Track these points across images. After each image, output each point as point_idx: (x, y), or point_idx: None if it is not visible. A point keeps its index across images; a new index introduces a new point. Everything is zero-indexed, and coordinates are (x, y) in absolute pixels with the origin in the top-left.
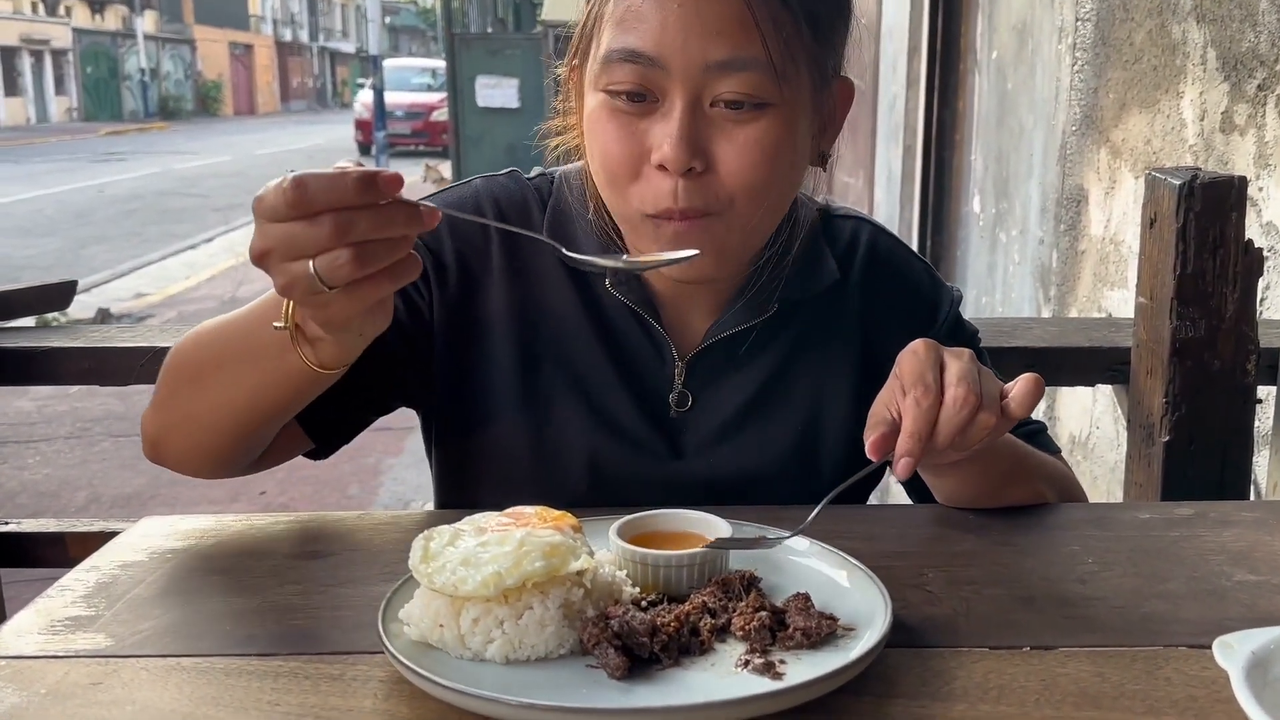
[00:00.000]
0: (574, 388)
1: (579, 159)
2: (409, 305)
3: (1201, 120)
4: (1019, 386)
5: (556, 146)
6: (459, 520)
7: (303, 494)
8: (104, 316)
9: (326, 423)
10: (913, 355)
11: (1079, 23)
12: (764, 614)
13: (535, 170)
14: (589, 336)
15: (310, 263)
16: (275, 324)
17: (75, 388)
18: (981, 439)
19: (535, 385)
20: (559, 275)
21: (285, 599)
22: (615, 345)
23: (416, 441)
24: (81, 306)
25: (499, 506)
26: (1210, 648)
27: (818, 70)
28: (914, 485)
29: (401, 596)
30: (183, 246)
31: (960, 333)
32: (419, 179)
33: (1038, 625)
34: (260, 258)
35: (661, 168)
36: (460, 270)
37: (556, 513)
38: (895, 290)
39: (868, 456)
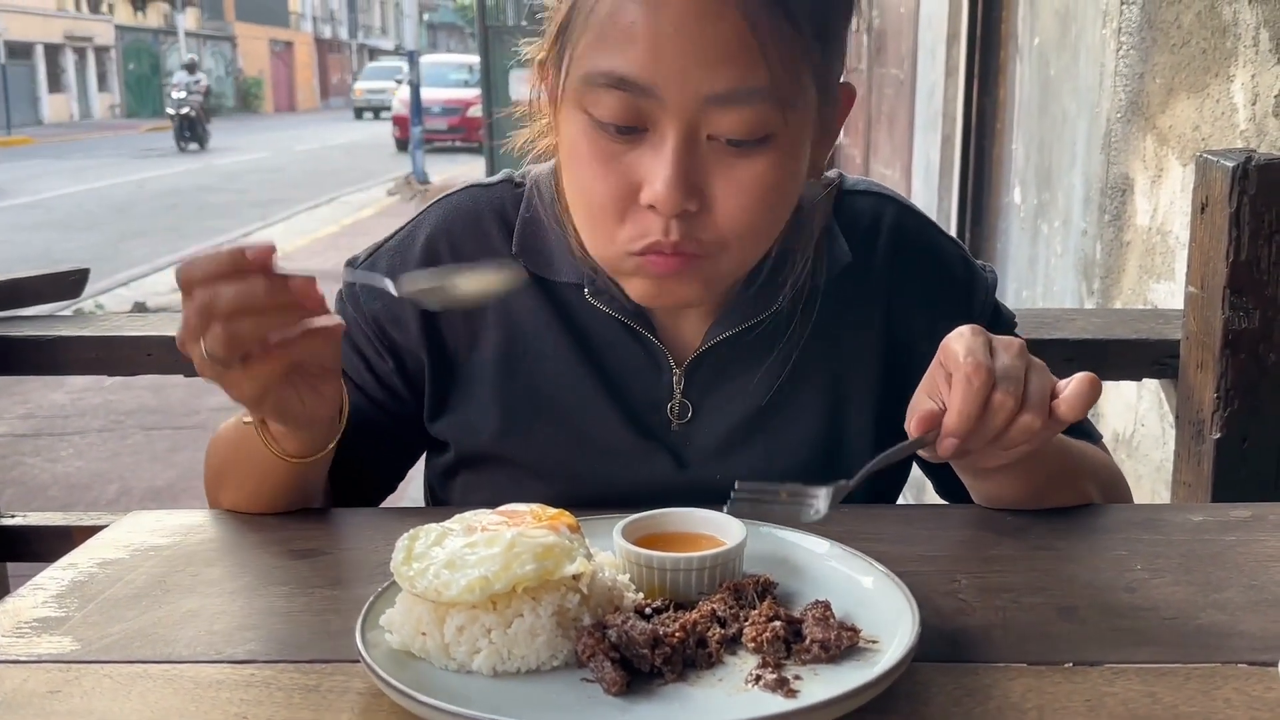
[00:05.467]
0: (557, 408)
1: (551, 156)
2: (395, 356)
3: (1253, 104)
4: (1072, 387)
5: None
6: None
7: None
8: (140, 310)
9: (370, 487)
10: (959, 338)
11: (1124, 6)
12: (778, 624)
13: (502, 173)
14: (569, 352)
15: (201, 342)
16: (244, 419)
17: (109, 380)
18: (1024, 442)
19: (514, 409)
20: (531, 292)
21: (268, 601)
22: (601, 359)
23: None
24: (119, 300)
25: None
26: (1273, 665)
27: (825, 86)
28: (946, 486)
29: (385, 601)
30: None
31: (999, 321)
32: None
33: (1081, 638)
34: (179, 345)
35: (652, 207)
36: (423, 322)
37: (553, 511)
38: (926, 276)
39: (909, 433)
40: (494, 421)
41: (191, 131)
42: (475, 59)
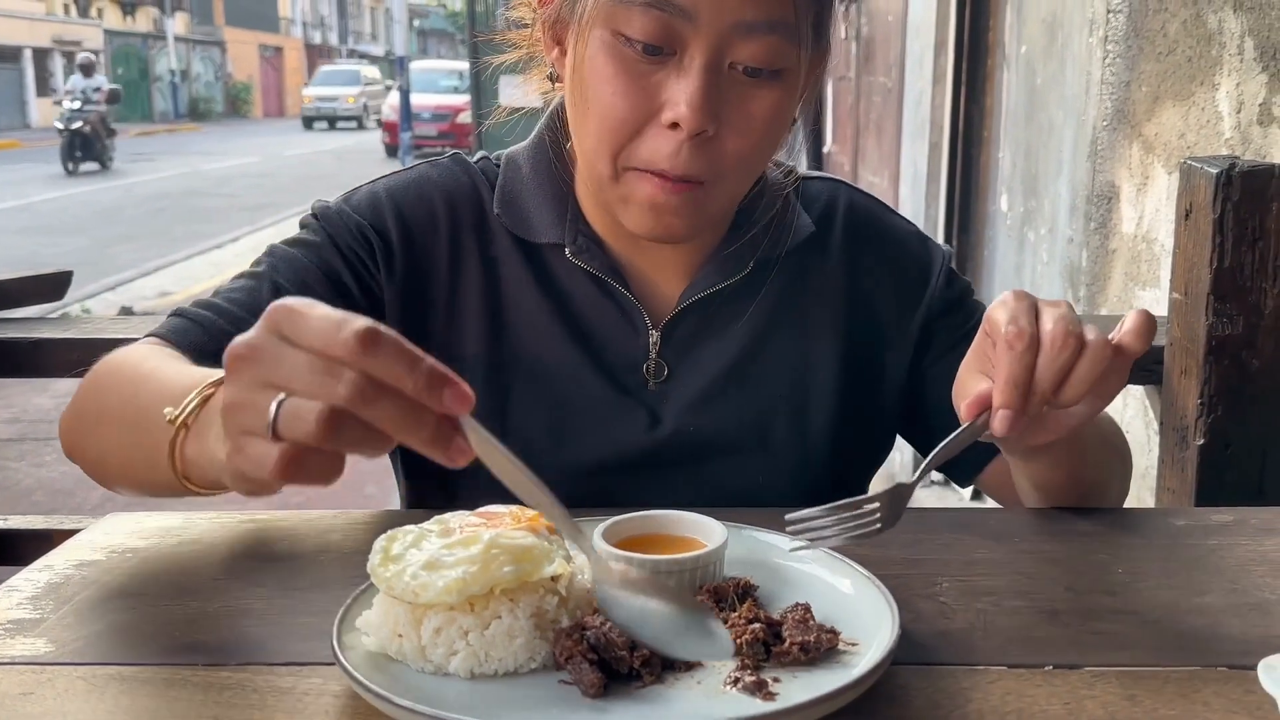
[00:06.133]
0: (536, 370)
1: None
2: (361, 285)
3: (1238, 112)
4: (1130, 321)
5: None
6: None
7: (319, 492)
8: (126, 314)
9: None
10: (1002, 305)
11: (1110, 14)
12: (757, 626)
13: (479, 154)
14: (549, 314)
15: (276, 400)
16: (168, 409)
17: None
18: (1094, 380)
19: (495, 372)
20: (513, 254)
21: (244, 603)
22: (580, 319)
23: None
24: (105, 304)
25: (471, 505)
26: (1253, 669)
27: (819, 35)
28: (952, 464)
29: (362, 603)
30: (209, 246)
31: (953, 286)
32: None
33: (1062, 642)
34: (238, 360)
35: (673, 126)
36: (408, 257)
37: (532, 512)
38: (881, 249)
39: (961, 420)
40: (479, 383)
41: (86, 149)
42: (465, 65)
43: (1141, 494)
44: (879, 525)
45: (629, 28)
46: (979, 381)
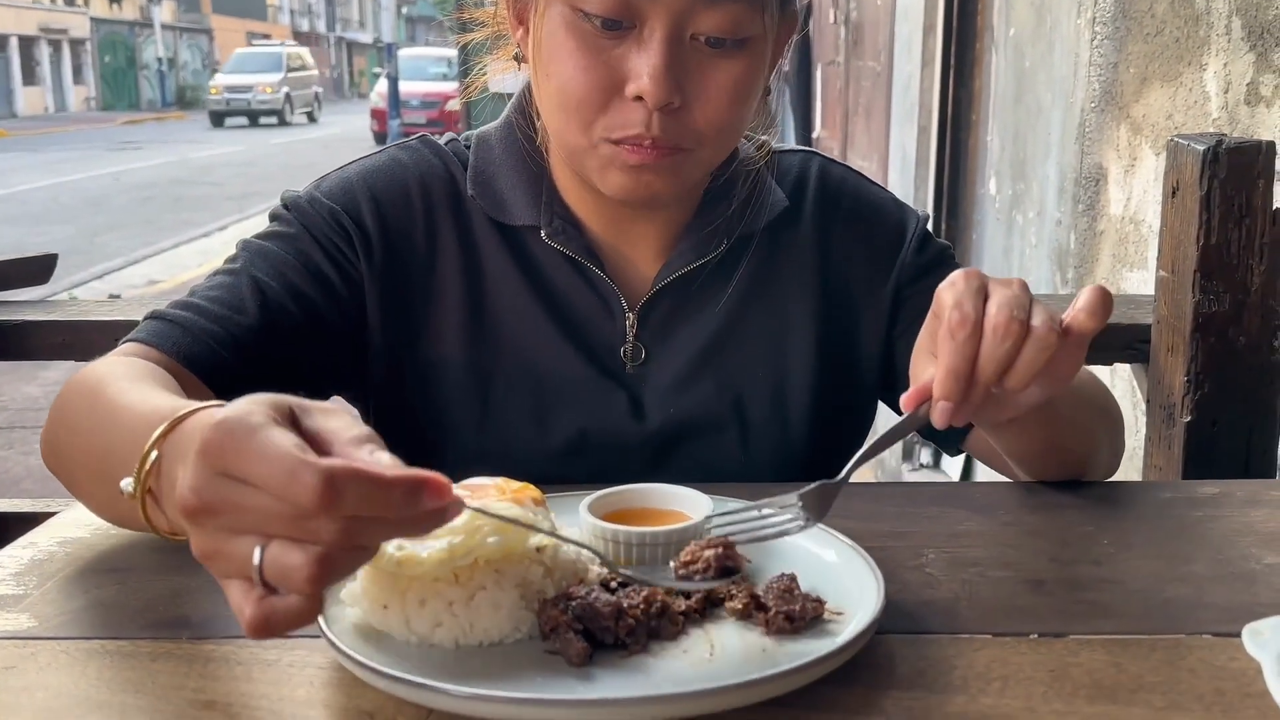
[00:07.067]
0: (517, 353)
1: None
2: (341, 273)
3: (1226, 93)
4: (1082, 299)
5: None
6: None
7: None
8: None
9: None
10: (950, 286)
11: None
12: (734, 585)
13: (447, 136)
14: (528, 296)
15: (259, 549)
16: (125, 482)
17: None
18: (1039, 368)
19: (476, 355)
20: (490, 236)
21: None
22: (558, 302)
23: None
24: (93, 293)
25: (451, 479)
26: (1238, 636)
27: (785, 2)
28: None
29: None
30: (196, 234)
31: (926, 251)
32: None
33: (1047, 611)
34: (193, 513)
35: (638, 99)
36: (385, 242)
37: (517, 485)
38: (854, 216)
39: (902, 409)
40: (461, 366)
41: None
42: (454, 52)
43: (1129, 472)
44: (803, 522)
45: (586, 3)
46: (928, 363)
